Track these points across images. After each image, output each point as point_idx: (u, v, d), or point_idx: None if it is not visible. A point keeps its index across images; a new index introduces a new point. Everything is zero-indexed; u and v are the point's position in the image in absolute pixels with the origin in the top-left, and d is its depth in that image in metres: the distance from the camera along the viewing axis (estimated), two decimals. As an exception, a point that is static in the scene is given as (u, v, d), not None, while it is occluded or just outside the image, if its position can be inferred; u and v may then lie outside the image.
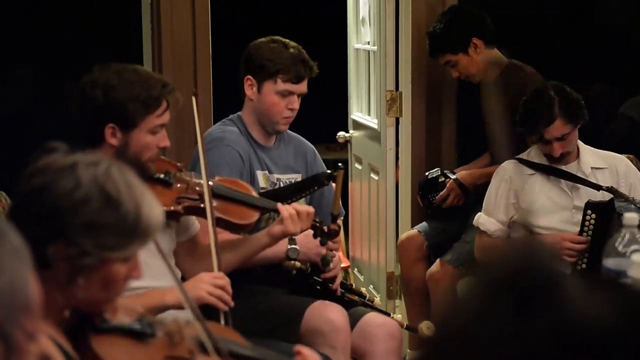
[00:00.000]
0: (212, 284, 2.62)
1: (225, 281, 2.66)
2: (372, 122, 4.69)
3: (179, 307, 2.41)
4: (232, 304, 2.64)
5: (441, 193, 4.13)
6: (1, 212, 3.04)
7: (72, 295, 1.78)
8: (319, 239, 3.02)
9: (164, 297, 2.53)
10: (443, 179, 4.16)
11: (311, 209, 2.96)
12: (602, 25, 4.78)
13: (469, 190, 4.09)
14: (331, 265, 3.19)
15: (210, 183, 2.81)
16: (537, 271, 0.89)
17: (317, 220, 2.99)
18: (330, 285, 3.25)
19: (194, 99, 2.82)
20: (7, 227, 1.04)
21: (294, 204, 2.97)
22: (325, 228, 3.01)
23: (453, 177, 4.14)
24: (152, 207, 1.81)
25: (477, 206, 3.77)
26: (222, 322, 2.62)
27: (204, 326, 2.04)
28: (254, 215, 2.89)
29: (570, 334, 0.84)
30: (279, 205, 2.91)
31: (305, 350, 2.17)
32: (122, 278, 1.81)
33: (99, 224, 1.74)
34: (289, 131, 3.42)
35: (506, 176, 3.62)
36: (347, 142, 5.02)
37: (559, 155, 3.51)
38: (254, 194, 2.96)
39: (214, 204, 2.81)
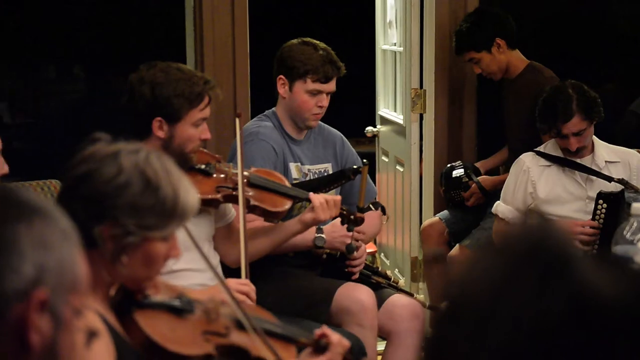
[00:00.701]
0: (236, 290, 2.56)
1: (250, 288, 2.64)
2: (398, 117, 4.68)
3: None
4: None
5: (464, 195, 4.15)
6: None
7: (117, 272, 1.81)
8: (345, 226, 3.03)
9: None
10: (467, 179, 4.17)
11: (339, 198, 2.97)
12: (612, 26, 4.72)
13: (489, 193, 4.10)
14: (355, 253, 3.20)
15: (247, 173, 2.82)
16: (555, 247, 0.87)
17: (344, 208, 3.00)
18: (352, 269, 3.25)
19: (237, 120, 2.83)
20: (56, 210, 1.05)
21: (323, 194, 2.97)
22: (352, 216, 3.02)
23: (475, 179, 4.14)
24: (189, 190, 1.84)
25: (494, 199, 3.76)
26: None
27: (238, 305, 2.05)
28: (287, 204, 2.91)
29: (586, 307, 0.83)
30: (311, 194, 2.92)
31: (329, 331, 2.18)
32: (162, 256, 1.83)
33: (141, 206, 1.77)
34: (319, 122, 3.41)
35: (524, 167, 3.61)
36: (375, 136, 5.02)
37: (575, 149, 3.50)
38: (287, 184, 2.97)
39: (250, 192, 2.82)
